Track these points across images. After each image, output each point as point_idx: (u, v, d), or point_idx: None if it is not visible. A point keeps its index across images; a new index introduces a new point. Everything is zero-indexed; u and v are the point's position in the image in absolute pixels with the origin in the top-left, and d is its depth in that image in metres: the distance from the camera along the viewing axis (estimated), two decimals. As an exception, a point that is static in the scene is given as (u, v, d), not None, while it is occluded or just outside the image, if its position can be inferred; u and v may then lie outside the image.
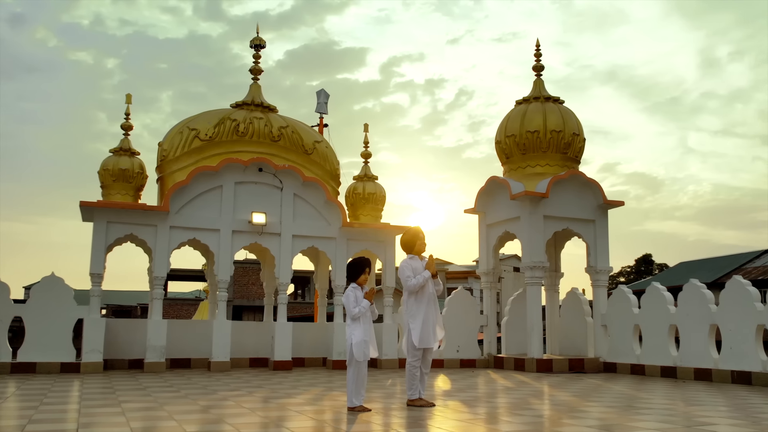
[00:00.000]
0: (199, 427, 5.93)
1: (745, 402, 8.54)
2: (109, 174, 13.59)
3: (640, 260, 73.96)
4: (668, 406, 8.04)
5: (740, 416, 7.07)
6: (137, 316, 56.00)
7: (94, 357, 12.62)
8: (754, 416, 7.06)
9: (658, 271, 66.27)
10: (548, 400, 8.72)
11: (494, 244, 16.07)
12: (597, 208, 15.40)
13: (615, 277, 67.93)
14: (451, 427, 6.07)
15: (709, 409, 7.69)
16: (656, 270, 69.62)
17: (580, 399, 8.76)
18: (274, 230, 14.26)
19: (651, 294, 13.84)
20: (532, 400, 8.62)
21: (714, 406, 8.08)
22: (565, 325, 16.21)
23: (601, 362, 14.75)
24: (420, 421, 6.42)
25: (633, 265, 73.51)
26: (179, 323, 15.16)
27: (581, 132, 15.82)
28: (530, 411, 7.39)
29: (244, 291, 55.98)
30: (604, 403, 8.22)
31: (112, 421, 6.27)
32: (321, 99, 26.45)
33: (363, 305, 7.36)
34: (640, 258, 74.10)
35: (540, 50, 16.48)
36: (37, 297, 12.69)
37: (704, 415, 7.17)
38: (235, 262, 14.15)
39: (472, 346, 15.80)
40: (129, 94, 14.15)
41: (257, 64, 15.60)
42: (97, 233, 13.03)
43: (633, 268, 73.02)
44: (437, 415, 6.85)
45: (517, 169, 15.71)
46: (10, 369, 12.18)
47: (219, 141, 14.32)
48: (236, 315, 51.01)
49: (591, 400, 8.58)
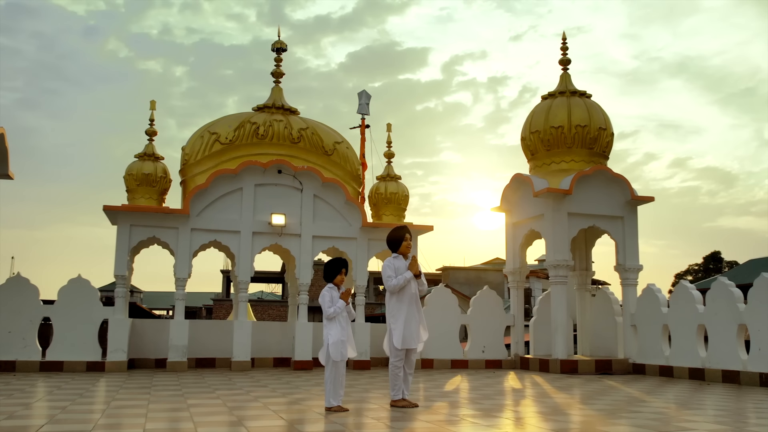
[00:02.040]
0: (156, 425, 6.04)
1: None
2: (133, 179, 13.99)
3: (708, 258, 71.22)
4: (643, 419, 7.71)
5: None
6: (202, 317, 57.57)
7: (118, 356, 13.01)
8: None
9: (728, 269, 63.70)
10: (534, 403, 8.49)
11: (520, 243, 15.77)
12: (625, 204, 14.91)
13: (682, 275, 65.65)
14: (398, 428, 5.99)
15: (698, 413, 7.34)
16: (725, 267, 66.91)
17: (572, 402, 8.50)
18: (294, 231, 14.40)
19: (679, 292, 13.31)
20: (509, 401, 8.41)
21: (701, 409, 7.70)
22: (595, 326, 15.77)
23: (630, 363, 14.28)
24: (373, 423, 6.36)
25: (701, 263, 70.94)
26: (204, 323, 15.49)
27: (609, 126, 15.37)
28: (492, 415, 7.21)
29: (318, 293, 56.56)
30: (595, 407, 7.96)
31: (76, 417, 6.46)
32: (362, 100, 26.34)
33: (338, 305, 7.34)
34: (708, 255, 71.35)
35: (566, 43, 16.12)
36: (64, 298, 13.19)
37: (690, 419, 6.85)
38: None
39: (497, 346, 15.54)
40: (153, 101, 14.53)
41: (279, 67, 15.80)
42: (121, 236, 13.44)
43: (701, 266, 70.47)
44: (401, 416, 6.77)
45: (542, 165, 15.38)
46: (39, 367, 12.70)
47: (239, 144, 14.55)
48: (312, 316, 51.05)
49: (585, 404, 8.31)
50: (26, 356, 12.73)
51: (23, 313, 12.87)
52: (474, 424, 6.29)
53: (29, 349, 12.80)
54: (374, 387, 10.27)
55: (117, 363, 12.94)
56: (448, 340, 15.20)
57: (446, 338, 15.18)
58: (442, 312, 15.29)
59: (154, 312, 48.15)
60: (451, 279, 47.96)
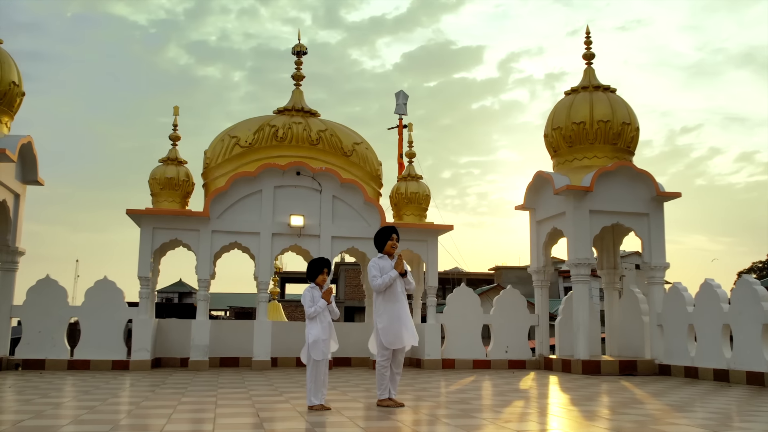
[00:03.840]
0: (129, 420, 6.24)
1: None
2: (156, 182, 14.39)
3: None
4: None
5: None
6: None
7: (142, 355, 13.40)
8: None
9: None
10: (526, 404, 8.36)
11: (544, 241, 15.52)
12: (650, 200, 14.51)
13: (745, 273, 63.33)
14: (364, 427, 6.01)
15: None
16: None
17: (564, 403, 8.34)
18: (313, 232, 14.55)
19: (704, 291, 12.87)
20: (498, 403, 8.30)
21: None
22: (623, 325, 15.39)
23: (656, 364, 13.89)
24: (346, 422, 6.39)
25: (765, 260, 68.28)
26: (228, 323, 15.81)
27: (633, 121, 14.96)
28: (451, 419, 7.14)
29: (355, 292, 57.13)
30: (583, 408, 7.79)
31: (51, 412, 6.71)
32: (400, 100, 26.32)
33: (319, 305, 7.41)
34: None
35: (590, 37, 15.76)
36: (90, 299, 13.67)
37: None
38: (345, 264, 14.72)
39: (521, 346, 15.34)
40: (176, 107, 14.92)
41: (299, 70, 15.99)
42: (144, 238, 13.85)
43: (765, 263, 67.83)
44: (373, 415, 6.78)
45: (564, 162, 15.11)
46: (67, 366, 13.21)
47: (258, 147, 14.80)
48: (348, 316, 51.65)
49: (576, 405, 8.15)
50: (55, 355, 13.25)
51: (52, 313, 13.40)
52: (445, 425, 6.26)
53: (58, 348, 13.32)
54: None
55: (141, 362, 13.33)
56: (469, 340, 15.10)
57: (468, 338, 15.08)
58: (464, 312, 15.19)
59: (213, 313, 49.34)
60: (504, 278, 47.57)
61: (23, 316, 13.40)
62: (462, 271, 49.70)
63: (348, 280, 51.67)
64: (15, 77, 12.84)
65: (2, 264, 13.32)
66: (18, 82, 12.90)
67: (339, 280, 51.34)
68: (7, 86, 12.62)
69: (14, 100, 12.92)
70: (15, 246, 13.34)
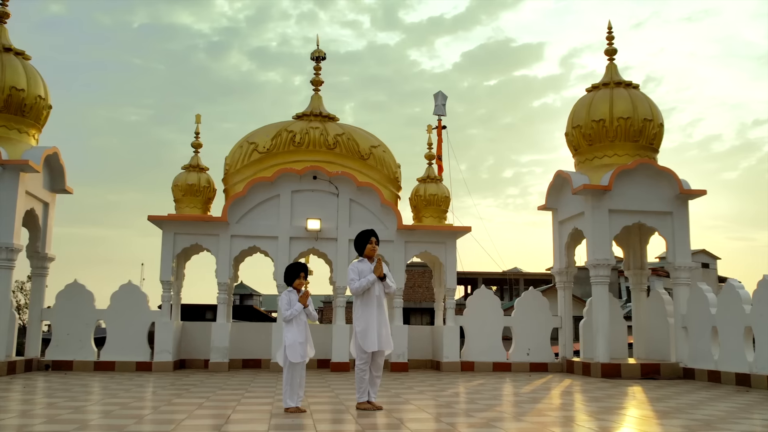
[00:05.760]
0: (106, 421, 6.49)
1: None
2: (178, 189, 14.82)
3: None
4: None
5: None
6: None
7: (164, 357, 13.82)
8: None
9: None
10: (512, 407, 8.25)
11: (566, 242, 15.24)
12: (674, 198, 14.06)
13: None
14: (325, 431, 6.07)
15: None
16: None
17: (546, 409, 8.19)
18: (330, 235, 14.70)
19: (727, 292, 12.39)
20: (480, 407, 8.21)
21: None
22: (649, 327, 14.97)
23: (680, 368, 13.45)
24: (312, 424, 6.47)
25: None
26: (250, 326, 16.11)
27: (656, 117, 14.53)
28: (459, 417, 7.09)
29: (411, 294, 57.15)
30: (554, 415, 7.64)
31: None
32: (438, 101, 26.29)
33: (295, 308, 7.52)
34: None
35: (612, 32, 15.40)
36: (116, 302, 14.19)
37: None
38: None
39: (543, 349, 15.10)
40: (198, 115, 15.33)
41: (318, 75, 16.18)
42: (166, 244, 14.28)
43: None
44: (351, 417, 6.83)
45: (585, 161, 14.81)
46: (93, 367, 13.74)
47: (276, 152, 15.05)
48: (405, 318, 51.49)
49: (562, 410, 8.00)
50: (82, 356, 13.81)
51: (80, 316, 13.98)
52: (407, 430, 6.26)
53: (85, 350, 13.88)
54: (388, 389, 10.23)
55: (163, 363, 13.75)
56: (489, 342, 14.97)
57: (488, 341, 14.96)
58: (483, 314, 15.08)
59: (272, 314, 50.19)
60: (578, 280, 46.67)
61: (53, 319, 14.02)
62: (521, 271, 49.12)
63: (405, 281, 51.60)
64: (41, 91, 13.45)
65: (33, 269, 13.98)
66: (44, 96, 13.51)
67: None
68: (34, 100, 13.23)
69: (41, 114, 13.54)
70: (45, 252, 13.96)
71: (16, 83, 12.95)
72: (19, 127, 13.12)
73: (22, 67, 13.22)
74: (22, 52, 13.47)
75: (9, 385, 10.44)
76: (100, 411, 7.44)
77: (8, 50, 13.27)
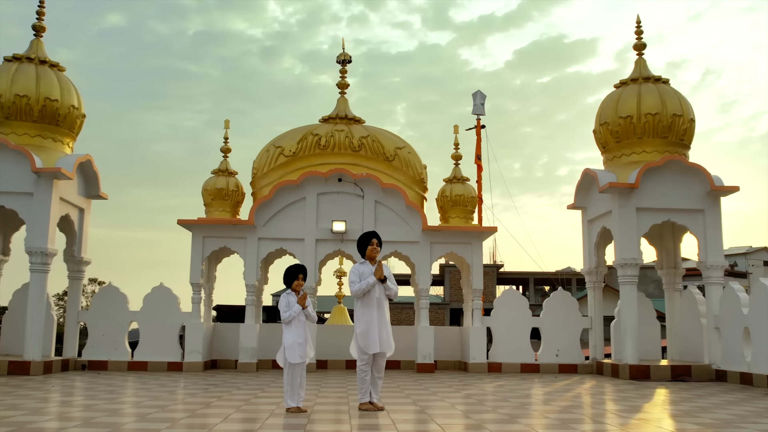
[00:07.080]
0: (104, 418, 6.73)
1: None
2: (207, 193, 15.17)
3: None
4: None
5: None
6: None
7: (194, 357, 14.16)
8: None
9: None
10: (515, 409, 8.18)
11: (595, 241, 14.97)
12: (705, 196, 13.67)
13: None
14: (313, 431, 6.16)
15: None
16: None
17: (546, 411, 8.10)
18: (356, 237, 14.73)
19: (757, 291, 12.00)
20: (481, 408, 8.15)
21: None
22: (682, 328, 14.58)
23: (713, 369, 13.07)
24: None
25: None
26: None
27: (686, 112, 14.15)
28: (456, 419, 7.08)
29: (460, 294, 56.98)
30: (554, 417, 7.54)
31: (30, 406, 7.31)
32: (477, 101, 26.25)
33: (294, 310, 7.66)
34: None
35: (641, 27, 15.07)
36: (148, 305, 14.61)
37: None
38: (449, 266, 15.16)
39: (573, 350, 14.88)
40: (227, 120, 15.67)
41: (344, 78, 16.31)
42: (195, 247, 14.63)
43: None
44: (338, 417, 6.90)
45: (613, 159, 14.55)
46: (127, 366, 14.18)
47: (302, 156, 15.25)
48: (454, 318, 50.98)
49: (565, 411, 7.89)
50: (117, 357, 14.27)
51: (114, 318, 14.45)
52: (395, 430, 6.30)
53: (119, 350, 14.34)
54: (402, 389, 10.30)
55: (193, 363, 14.09)
56: (517, 343, 14.84)
57: (516, 342, 14.83)
58: (511, 315, 14.95)
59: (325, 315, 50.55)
60: (614, 278, 45.77)
61: (89, 321, 14.52)
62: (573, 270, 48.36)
63: (452, 281, 51.48)
64: (75, 101, 13.97)
65: (69, 273, 14.51)
66: (77, 106, 14.02)
67: (444, 282, 51.16)
68: (68, 110, 13.75)
69: (74, 123, 14.05)
70: (80, 256, 14.47)
71: (50, 94, 13.48)
72: (54, 136, 13.65)
73: (56, 79, 13.75)
74: (56, 64, 14.02)
75: (41, 384, 10.86)
76: (104, 409, 7.71)
77: (43, 62, 13.82)
